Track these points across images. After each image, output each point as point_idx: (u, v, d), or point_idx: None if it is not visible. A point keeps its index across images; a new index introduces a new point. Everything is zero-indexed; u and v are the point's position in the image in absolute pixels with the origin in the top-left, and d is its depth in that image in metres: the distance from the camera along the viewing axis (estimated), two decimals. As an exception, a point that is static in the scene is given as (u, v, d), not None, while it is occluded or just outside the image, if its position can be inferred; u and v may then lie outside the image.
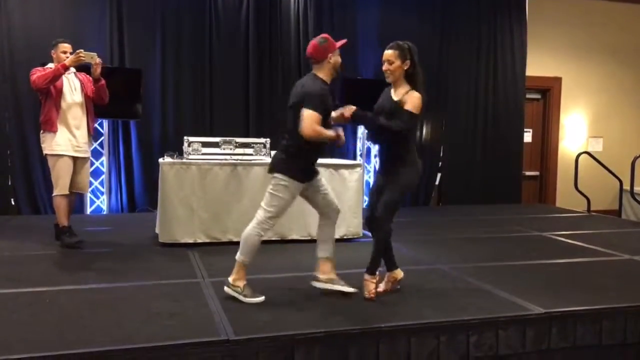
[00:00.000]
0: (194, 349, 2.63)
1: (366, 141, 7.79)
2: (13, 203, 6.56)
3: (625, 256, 4.77)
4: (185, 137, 5.05)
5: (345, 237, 5.21)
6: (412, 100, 3.37)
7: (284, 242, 5.03)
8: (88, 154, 4.93)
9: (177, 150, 5.22)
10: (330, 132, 3.38)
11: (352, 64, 7.61)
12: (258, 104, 7.23)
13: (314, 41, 3.42)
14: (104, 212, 6.77)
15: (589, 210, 7.75)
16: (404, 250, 4.92)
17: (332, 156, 7.00)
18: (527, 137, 8.79)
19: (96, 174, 6.79)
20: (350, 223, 5.22)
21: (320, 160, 5.26)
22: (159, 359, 2.59)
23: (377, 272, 3.48)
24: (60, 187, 4.72)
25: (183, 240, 4.80)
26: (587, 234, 5.86)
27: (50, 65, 4.76)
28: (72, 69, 4.78)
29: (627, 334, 3.31)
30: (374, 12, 7.66)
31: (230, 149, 5.06)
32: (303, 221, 5.09)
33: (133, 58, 6.75)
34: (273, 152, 5.30)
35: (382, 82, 8.10)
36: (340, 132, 3.45)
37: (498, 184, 8.28)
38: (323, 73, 3.44)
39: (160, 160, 4.99)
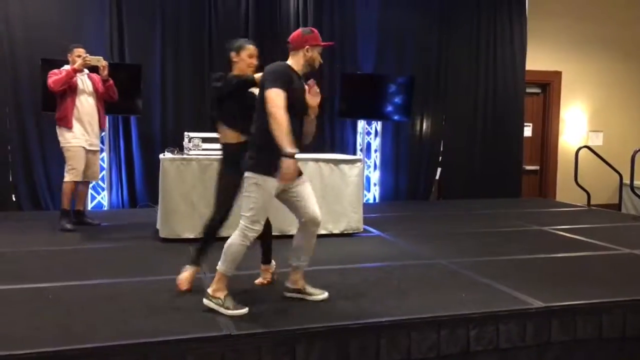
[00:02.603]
0: (196, 344, 2.65)
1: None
2: (14, 199, 6.57)
3: (625, 250, 4.78)
4: (185, 133, 5.06)
5: (345, 232, 5.22)
6: None
7: (283, 237, 5.03)
8: (99, 147, 5.57)
9: (177, 145, 5.24)
10: None
11: (351, 58, 7.62)
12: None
13: (299, 29, 3.25)
14: (105, 208, 6.78)
15: (589, 204, 7.76)
16: (403, 244, 4.94)
17: (333, 151, 7.03)
18: (527, 131, 8.80)
19: (97, 169, 6.79)
20: (350, 218, 5.23)
21: (320, 155, 5.34)
22: (161, 353, 2.60)
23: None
24: (73, 175, 5.28)
25: (184, 236, 4.81)
26: (587, 228, 5.87)
27: (66, 67, 5.25)
28: (86, 70, 5.35)
29: (627, 327, 3.32)
30: (373, 7, 7.65)
31: (231, 144, 5.06)
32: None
33: (133, 53, 6.74)
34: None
35: (380, 77, 8.14)
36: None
37: (498, 179, 8.29)
38: (295, 62, 3.17)
39: (161, 155, 5.00)
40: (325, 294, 3.32)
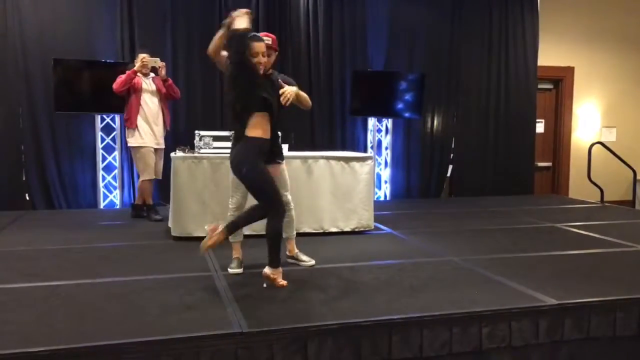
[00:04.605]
0: (209, 342, 2.65)
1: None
2: (27, 198, 6.63)
3: (639, 247, 4.73)
4: (196, 131, 5.08)
5: (356, 230, 5.21)
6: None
7: (296, 235, 5.03)
8: (164, 146, 5.81)
9: (188, 144, 5.26)
10: None
11: (362, 55, 7.59)
12: (268, 97, 7.22)
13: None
14: (117, 207, 6.83)
15: (602, 200, 7.69)
16: (415, 242, 4.92)
17: (344, 149, 7.02)
18: (540, 127, 8.73)
19: (109, 168, 6.84)
20: (361, 216, 5.23)
21: (331, 153, 5.34)
22: (173, 351, 2.61)
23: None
24: (147, 173, 5.66)
25: (196, 234, 4.82)
26: (601, 224, 5.82)
27: None
28: (151, 74, 5.72)
29: (642, 325, 3.29)
30: (383, 3, 7.62)
31: (242, 142, 5.07)
32: (315, 215, 5.10)
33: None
34: (285, 145, 5.37)
35: (391, 74, 8.10)
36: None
37: (510, 175, 8.24)
38: None
39: (172, 154, 5.02)
40: (313, 262, 4.00)
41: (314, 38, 7.39)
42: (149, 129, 5.62)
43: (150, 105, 5.63)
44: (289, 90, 3.51)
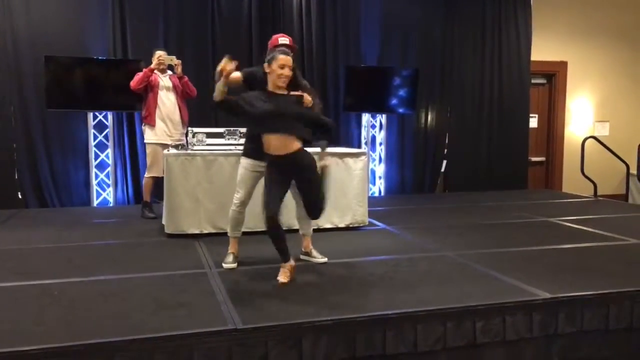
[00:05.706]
0: (203, 339, 2.65)
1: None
2: (20, 197, 6.59)
3: (632, 240, 4.75)
4: (189, 128, 5.06)
5: (351, 226, 5.21)
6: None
7: (290, 231, 5.02)
8: (183, 141, 5.63)
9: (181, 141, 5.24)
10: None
11: (355, 51, 7.58)
12: (262, 93, 7.20)
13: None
14: (111, 205, 6.80)
15: (595, 195, 7.72)
16: (409, 237, 4.93)
17: (337, 145, 7.00)
18: (533, 122, 8.75)
19: (102, 166, 6.81)
20: (355, 212, 5.22)
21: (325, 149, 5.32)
22: (167, 349, 2.60)
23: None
24: (152, 171, 5.68)
25: (189, 231, 4.82)
26: (594, 218, 5.84)
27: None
28: (168, 72, 5.75)
29: (634, 318, 3.30)
30: (376, -1, 7.63)
31: (235, 139, 5.06)
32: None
33: (136, 50, 6.73)
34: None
35: (385, 70, 8.09)
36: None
37: (504, 170, 8.26)
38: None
39: (165, 151, 5.01)
40: (325, 259, 4.01)
41: (307, 33, 7.37)
42: (164, 125, 5.62)
43: (166, 102, 5.64)
44: None
